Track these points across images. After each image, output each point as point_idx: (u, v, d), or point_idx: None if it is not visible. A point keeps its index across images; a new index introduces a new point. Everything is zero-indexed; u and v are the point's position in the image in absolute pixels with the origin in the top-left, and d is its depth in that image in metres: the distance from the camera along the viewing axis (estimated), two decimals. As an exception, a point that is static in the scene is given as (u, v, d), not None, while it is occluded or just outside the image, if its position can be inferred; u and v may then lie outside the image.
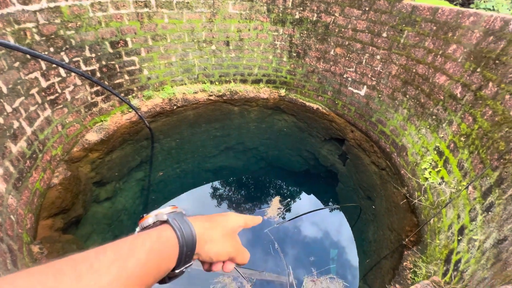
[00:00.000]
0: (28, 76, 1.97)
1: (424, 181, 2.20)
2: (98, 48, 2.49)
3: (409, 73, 2.48)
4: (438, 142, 2.16)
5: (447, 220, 1.82)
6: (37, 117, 2.07)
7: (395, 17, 2.43)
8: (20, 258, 1.43)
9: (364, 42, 2.75)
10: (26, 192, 1.82)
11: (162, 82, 3.22)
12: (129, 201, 3.49)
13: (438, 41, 2.16)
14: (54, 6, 2.07)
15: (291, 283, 3.28)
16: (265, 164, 4.69)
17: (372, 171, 3.11)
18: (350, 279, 3.55)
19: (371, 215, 3.19)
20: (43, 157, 2.12)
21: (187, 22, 2.94)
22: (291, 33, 3.19)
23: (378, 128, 2.94)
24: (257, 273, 3.37)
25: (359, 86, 3.01)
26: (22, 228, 1.64)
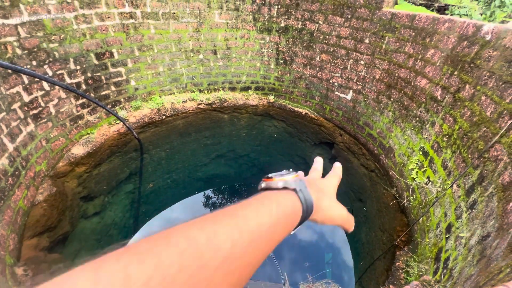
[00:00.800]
0: (10, 91, 1.91)
1: (412, 181, 2.26)
2: (83, 60, 2.45)
3: (392, 77, 2.57)
4: (422, 142, 2.23)
5: (435, 219, 1.87)
6: (19, 132, 2.00)
7: (376, 24, 2.53)
8: (3, 282, 1.36)
9: (348, 48, 2.84)
10: (9, 211, 1.75)
11: (150, 92, 3.19)
12: (119, 215, 3.40)
13: (417, 46, 2.26)
14: (36, 19, 2.04)
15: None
16: (257, 170, 4.69)
17: (362, 173, 3.17)
18: (346, 282, 3.56)
19: (363, 217, 3.23)
20: (27, 173, 2.04)
21: (173, 32, 2.96)
22: (277, 40, 3.25)
23: (366, 131, 3.01)
24: (252, 282, 3.33)
25: (345, 91, 3.09)
26: (5, 250, 1.56)
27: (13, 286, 1.45)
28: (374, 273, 2.56)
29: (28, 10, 1.97)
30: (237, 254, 0.29)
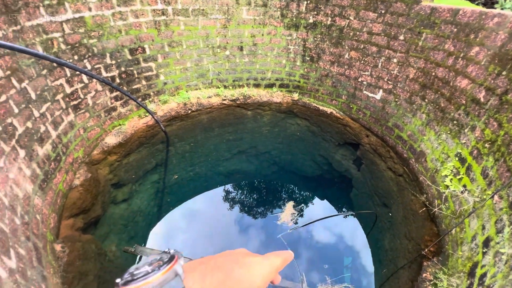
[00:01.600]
0: (54, 83, 2.08)
1: (445, 188, 2.11)
2: (118, 55, 2.59)
3: (428, 77, 2.40)
4: (460, 148, 2.07)
5: (470, 231, 1.73)
6: (61, 121, 2.18)
7: (413, 20, 2.37)
8: (44, 256, 1.50)
9: (380, 45, 2.70)
10: (51, 192, 1.92)
11: (178, 87, 3.30)
12: (144, 203, 3.58)
13: (459, 44, 2.08)
14: (79, 16, 2.19)
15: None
16: (277, 168, 4.67)
17: (389, 177, 3.02)
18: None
19: (387, 223, 3.09)
20: (66, 159, 2.22)
21: (202, 28, 3.01)
22: (304, 37, 3.19)
23: (395, 133, 2.86)
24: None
25: (374, 90, 2.95)
26: (46, 227, 1.72)
27: (52, 260, 1.60)
28: (398, 282, 2.44)
29: (72, 8, 2.12)
30: None
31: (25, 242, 1.33)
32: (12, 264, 1.08)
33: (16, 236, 1.25)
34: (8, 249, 1.11)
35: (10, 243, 1.16)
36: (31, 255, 1.32)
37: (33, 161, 1.78)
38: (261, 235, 4.24)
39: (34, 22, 1.87)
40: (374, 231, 3.49)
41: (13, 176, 1.50)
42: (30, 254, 1.32)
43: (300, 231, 4.11)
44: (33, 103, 1.85)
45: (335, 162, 3.92)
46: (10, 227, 1.25)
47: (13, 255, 1.13)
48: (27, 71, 1.81)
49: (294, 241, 3.96)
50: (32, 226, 1.52)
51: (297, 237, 4.06)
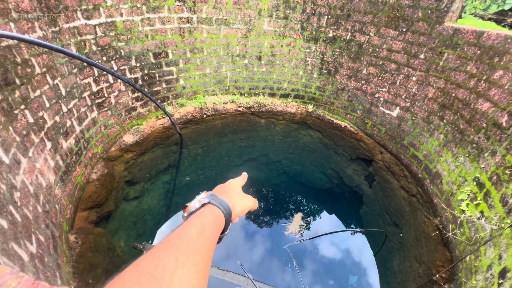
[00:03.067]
0: (83, 81, 2.21)
1: (461, 213, 2.04)
2: (143, 58, 2.73)
3: (447, 97, 2.36)
4: (478, 172, 2.00)
5: (486, 260, 1.66)
6: (85, 117, 2.30)
7: (435, 39, 2.36)
8: (60, 245, 1.57)
9: (400, 63, 2.69)
10: (70, 184, 2.01)
11: (195, 92, 3.40)
12: (154, 202, 3.65)
13: (482, 66, 2.05)
14: (111, 20, 2.33)
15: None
16: (287, 178, 4.65)
17: (401, 196, 2.95)
18: (370, 310, 3.32)
19: (398, 244, 2.99)
20: (86, 154, 2.33)
21: (223, 37, 3.12)
22: (323, 50, 3.22)
23: (410, 152, 2.81)
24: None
25: (391, 107, 2.92)
26: (63, 217, 1.80)
27: (66, 250, 1.66)
28: (405, 307, 2.35)
29: (105, 13, 2.26)
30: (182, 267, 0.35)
31: (44, 230, 1.40)
32: (33, 249, 1.15)
33: (37, 223, 1.32)
34: (30, 235, 1.18)
35: (33, 229, 1.23)
36: (49, 243, 1.39)
37: (57, 153, 1.88)
38: (267, 244, 4.20)
39: (71, 25, 2.01)
40: (383, 250, 3.38)
41: (39, 166, 1.60)
42: (48, 241, 1.38)
43: (307, 243, 4.04)
44: (63, 99, 1.97)
45: (346, 177, 3.87)
46: (33, 214, 1.32)
47: (34, 241, 1.20)
48: (61, 69, 1.94)
49: (300, 252, 3.89)
50: (51, 215, 1.60)
51: (304, 249, 3.99)
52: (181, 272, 0.34)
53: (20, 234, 1.08)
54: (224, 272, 2.93)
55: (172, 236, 0.41)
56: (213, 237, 0.46)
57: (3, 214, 1.03)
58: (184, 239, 0.40)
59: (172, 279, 0.32)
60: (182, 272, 0.34)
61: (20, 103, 1.50)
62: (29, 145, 1.53)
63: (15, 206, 1.16)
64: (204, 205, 0.53)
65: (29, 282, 0.48)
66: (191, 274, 0.35)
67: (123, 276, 0.32)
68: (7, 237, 0.96)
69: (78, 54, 1.83)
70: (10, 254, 0.91)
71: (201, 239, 0.42)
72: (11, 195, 1.17)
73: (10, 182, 1.20)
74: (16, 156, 1.36)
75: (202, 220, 0.47)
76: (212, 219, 0.49)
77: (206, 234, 0.44)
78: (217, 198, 0.55)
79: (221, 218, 0.52)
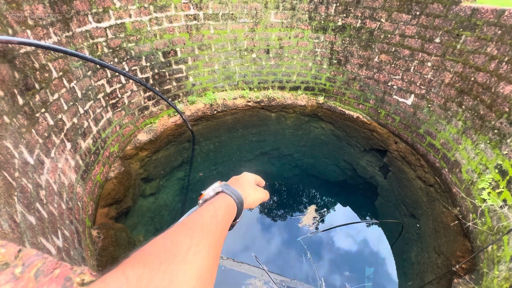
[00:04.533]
0: (97, 83, 2.29)
1: (482, 202, 1.96)
2: (153, 57, 2.77)
3: (466, 82, 2.25)
4: (500, 159, 1.91)
5: (509, 250, 1.60)
6: (101, 118, 2.38)
7: (451, 21, 2.24)
8: (83, 240, 1.66)
9: (413, 48, 2.59)
10: (90, 183, 2.11)
11: (205, 88, 3.43)
12: (170, 198, 3.76)
13: (503, 47, 1.93)
14: (120, 22, 2.38)
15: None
16: (299, 171, 4.63)
17: (418, 186, 2.87)
18: (387, 302, 3.29)
19: (415, 235, 2.93)
20: (104, 153, 2.42)
21: (230, 32, 3.11)
22: (332, 40, 3.15)
23: (427, 141, 2.71)
24: (288, 280, 3.33)
25: (405, 95, 2.82)
26: (86, 214, 1.90)
27: (89, 244, 1.76)
28: (423, 298, 2.31)
29: (115, 15, 2.32)
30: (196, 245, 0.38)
31: (69, 225, 1.48)
32: (59, 243, 1.22)
33: (62, 219, 1.41)
34: (56, 230, 1.26)
35: (58, 225, 1.31)
36: (74, 238, 1.47)
37: (77, 153, 1.97)
38: (281, 236, 4.23)
39: (83, 29, 2.08)
40: (400, 242, 3.32)
41: (61, 165, 1.68)
42: (73, 236, 1.47)
43: (321, 235, 4.04)
44: (79, 101, 2.05)
45: (360, 168, 3.81)
46: (58, 210, 1.40)
47: (60, 236, 1.28)
48: (76, 72, 2.02)
49: (315, 244, 3.90)
50: (75, 212, 1.69)
51: (318, 241, 3.99)
52: (195, 250, 0.37)
53: (47, 230, 1.16)
54: (240, 264, 2.99)
55: (188, 220, 0.44)
56: (225, 223, 0.49)
57: (31, 211, 1.10)
58: (198, 222, 0.43)
59: (187, 254, 0.36)
60: (196, 250, 0.37)
61: (40, 107, 1.58)
62: (51, 146, 1.61)
63: (41, 204, 1.24)
64: (218, 193, 0.57)
65: (53, 262, 0.53)
66: (204, 253, 0.38)
67: (143, 250, 0.35)
68: (35, 232, 1.03)
69: (91, 57, 1.89)
70: (40, 248, 0.98)
71: (214, 223, 0.45)
72: (37, 193, 1.24)
73: (36, 181, 1.28)
74: (39, 157, 1.44)
75: (216, 206, 0.50)
76: (225, 207, 0.52)
77: (219, 219, 0.47)
78: (230, 188, 0.58)
79: (233, 206, 0.55)
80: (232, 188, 0.59)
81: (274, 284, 3.10)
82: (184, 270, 0.34)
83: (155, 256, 0.33)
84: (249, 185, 0.67)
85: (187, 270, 0.34)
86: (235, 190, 0.58)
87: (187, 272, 0.34)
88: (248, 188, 0.65)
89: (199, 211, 0.48)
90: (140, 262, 0.32)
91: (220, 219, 0.47)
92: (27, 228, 0.99)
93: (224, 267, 3.20)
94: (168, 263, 0.33)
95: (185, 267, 0.34)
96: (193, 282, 0.34)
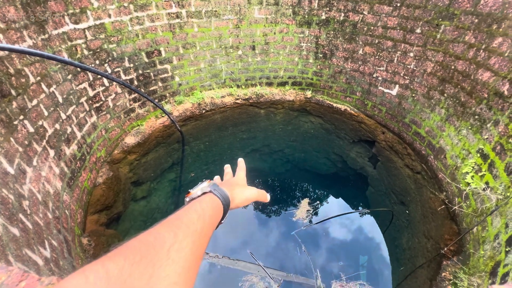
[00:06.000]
0: (79, 87, 2.21)
1: (466, 186, 2.03)
2: (136, 58, 2.71)
3: (447, 70, 2.31)
4: (481, 144, 1.99)
5: (493, 229, 1.67)
6: (85, 123, 2.31)
7: (430, 12, 2.30)
8: (73, 248, 1.61)
9: (396, 40, 2.63)
10: (77, 190, 2.05)
11: (192, 88, 3.38)
12: (162, 200, 3.71)
13: (480, 35, 2.00)
14: (99, 23, 2.30)
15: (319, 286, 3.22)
16: (291, 166, 4.67)
17: (406, 174, 2.95)
18: (382, 287, 3.39)
19: (405, 221, 3.01)
20: (90, 158, 2.36)
21: (215, 29, 3.07)
22: (317, 34, 3.16)
23: (412, 129, 2.78)
24: (284, 274, 3.36)
25: (390, 86, 2.88)
26: (74, 222, 1.84)
27: (80, 252, 1.71)
28: (416, 282, 2.39)
29: (93, 16, 2.24)
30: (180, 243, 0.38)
31: (57, 235, 1.44)
32: (47, 254, 1.18)
33: (49, 229, 1.36)
34: (43, 240, 1.22)
35: (45, 235, 1.26)
36: (62, 247, 1.43)
37: (61, 160, 1.91)
38: (276, 231, 4.27)
39: (60, 30, 2.00)
40: (391, 229, 3.41)
41: (45, 174, 1.62)
42: (62, 245, 1.43)
43: (316, 228, 4.10)
44: (60, 106, 1.98)
45: (350, 160, 3.87)
46: (44, 220, 1.36)
47: (48, 246, 1.24)
48: (55, 76, 1.94)
49: (310, 237, 3.95)
50: (62, 221, 1.64)
51: (313, 234, 4.05)
52: (178, 247, 0.37)
53: (32, 241, 1.12)
54: (236, 262, 3.00)
55: (173, 217, 0.44)
56: (211, 223, 0.49)
57: (14, 222, 1.06)
58: (184, 220, 0.43)
59: (169, 251, 0.36)
60: (179, 247, 0.37)
61: (18, 114, 1.51)
62: (33, 155, 1.55)
63: (25, 214, 1.19)
64: (205, 193, 0.57)
65: (19, 275, 0.52)
66: (187, 251, 0.38)
67: (126, 244, 0.35)
68: (19, 244, 0.99)
69: (70, 60, 1.82)
70: (25, 260, 0.95)
71: (200, 222, 0.45)
72: (20, 204, 1.20)
73: (18, 192, 1.23)
74: (20, 166, 1.38)
75: (203, 206, 0.50)
76: (212, 207, 0.52)
77: (205, 218, 0.47)
78: (218, 188, 0.59)
79: (219, 207, 0.55)
80: (220, 188, 0.59)
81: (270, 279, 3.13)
82: (165, 266, 0.34)
83: (137, 250, 0.33)
84: (237, 186, 0.68)
85: (168, 266, 0.34)
86: (223, 190, 0.59)
87: (168, 268, 0.34)
88: (236, 188, 0.66)
89: (185, 209, 0.47)
90: (121, 256, 0.32)
91: (206, 219, 0.47)
92: (10, 241, 0.95)
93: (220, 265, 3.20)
94: (149, 258, 0.33)
95: (166, 263, 0.34)
96: (174, 279, 0.34)
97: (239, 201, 0.64)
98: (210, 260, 3.53)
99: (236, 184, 0.69)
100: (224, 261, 2.88)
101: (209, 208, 0.51)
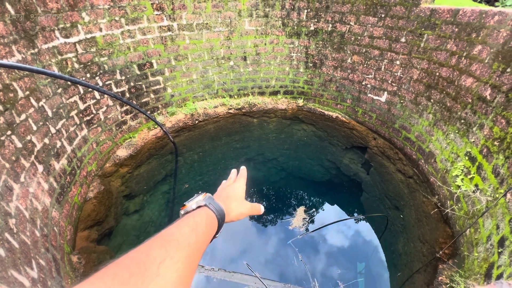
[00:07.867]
0: (69, 100, 2.19)
1: (457, 189, 2.07)
2: (127, 71, 2.71)
3: (432, 77, 2.40)
4: (469, 147, 2.04)
5: (485, 231, 1.69)
6: (75, 136, 2.27)
7: (413, 22, 2.40)
8: (62, 267, 1.55)
9: (382, 49, 2.73)
10: (67, 205, 1.99)
11: (185, 99, 3.39)
12: (155, 213, 3.63)
13: (461, 43, 2.09)
14: (90, 36, 2.31)
15: (317, 297, 3.17)
16: (285, 174, 4.67)
17: (399, 179, 2.99)
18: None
19: (400, 226, 3.03)
20: (81, 173, 2.30)
21: (206, 41, 3.12)
22: (306, 44, 3.25)
23: (402, 135, 2.84)
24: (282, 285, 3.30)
25: (379, 93, 2.96)
26: (64, 239, 1.78)
27: (70, 271, 1.65)
28: (413, 287, 2.38)
29: (84, 29, 2.25)
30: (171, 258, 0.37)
31: (45, 254, 1.38)
32: (34, 274, 1.13)
33: (37, 247, 1.31)
34: (30, 260, 1.17)
35: (32, 254, 1.21)
36: (51, 266, 1.37)
37: (51, 176, 1.86)
38: (272, 241, 4.21)
39: (50, 45, 1.99)
40: (387, 234, 3.42)
41: (33, 190, 1.58)
42: (50, 265, 1.37)
43: (312, 235, 4.07)
44: (50, 120, 1.95)
45: (344, 166, 3.90)
46: (31, 239, 1.31)
47: (35, 266, 1.19)
48: (44, 90, 1.92)
49: (307, 246, 3.91)
50: (51, 238, 1.58)
51: (309, 242, 4.01)
52: (169, 263, 0.37)
53: (19, 261, 1.07)
54: (232, 274, 2.93)
55: (165, 232, 0.43)
56: (205, 238, 0.49)
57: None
58: (175, 235, 0.42)
59: (159, 267, 0.35)
60: (170, 263, 0.37)
61: (6, 129, 1.48)
62: (20, 171, 1.51)
63: (11, 233, 1.15)
64: (200, 207, 0.56)
65: None
66: (179, 266, 0.38)
67: (116, 262, 0.34)
68: (5, 265, 0.95)
69: (60, 74, 1.81)
70: (10, 282, 0.91)
71: (193, 237, 0.44)
72: (6, 223, 1.15)
73: (4, 210, 1.19)
74: (7, 183, 1.34)
75: (197, 220, 0.49)
76: (206, 222, 0.51)
77: (199, 233, 0.46)
78: (214, 202, 0.58)
79: (214, 221, 0.55)
80: (215, 202, 0.58)
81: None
82: (155, 282, 0.33)
83: (126, 268, 0.33)
84: (234, 200, 0.67)
85: (158, 283, 0.33)
86: (218, 204, 0.58)
87: (158, 284, 0.33)
88: (232, 203, 0.65)
89: (178, 223, 0.47)
90: (111, 275, 0.31)
91: (199, 233, 0.47)
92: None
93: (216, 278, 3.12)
94: (139, 275, 0.33)
95: (156, 279, 0.34)
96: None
97: (233, 215, 0.64)
98: (206, 273, 3.45)
99: (233, 199, 0.68)
100: (220, 274, 2.81)
101: (203, 223, 0.50)
